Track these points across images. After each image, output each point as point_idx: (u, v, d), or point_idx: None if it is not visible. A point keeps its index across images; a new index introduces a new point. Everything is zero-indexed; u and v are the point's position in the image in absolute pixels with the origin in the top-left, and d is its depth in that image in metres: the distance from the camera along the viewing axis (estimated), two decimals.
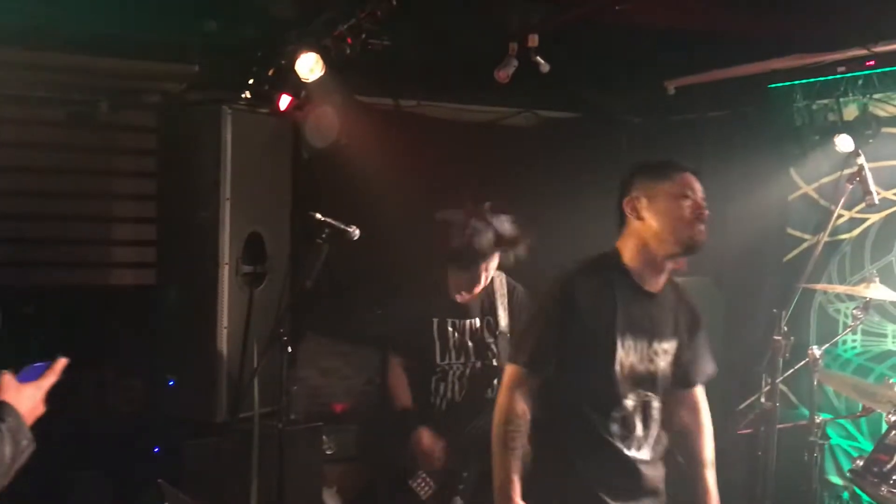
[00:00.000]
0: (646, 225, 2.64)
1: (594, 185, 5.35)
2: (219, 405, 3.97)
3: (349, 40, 3.81)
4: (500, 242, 3.61)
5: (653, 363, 2.67)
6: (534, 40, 3.92)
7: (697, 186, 2.69)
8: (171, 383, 4.07)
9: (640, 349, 2.65)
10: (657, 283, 2.74)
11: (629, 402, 2.63)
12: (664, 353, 2.71)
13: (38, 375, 1.99)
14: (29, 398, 1.91)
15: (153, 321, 4.21)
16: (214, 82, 4.42)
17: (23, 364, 2.01)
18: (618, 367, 2.59)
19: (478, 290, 3.69)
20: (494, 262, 3.66)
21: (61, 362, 2.03)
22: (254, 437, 3.88)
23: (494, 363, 3.73)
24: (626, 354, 2.62)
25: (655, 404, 2.69)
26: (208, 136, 3.98)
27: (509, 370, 2.64)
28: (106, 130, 4.64)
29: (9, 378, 1.91)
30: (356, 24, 3.72)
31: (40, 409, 1.96)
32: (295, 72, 3.95)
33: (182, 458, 3.88)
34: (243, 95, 4.17)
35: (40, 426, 1.92)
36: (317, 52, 3.89)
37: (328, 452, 4.47)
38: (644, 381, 2.65)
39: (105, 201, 4.75)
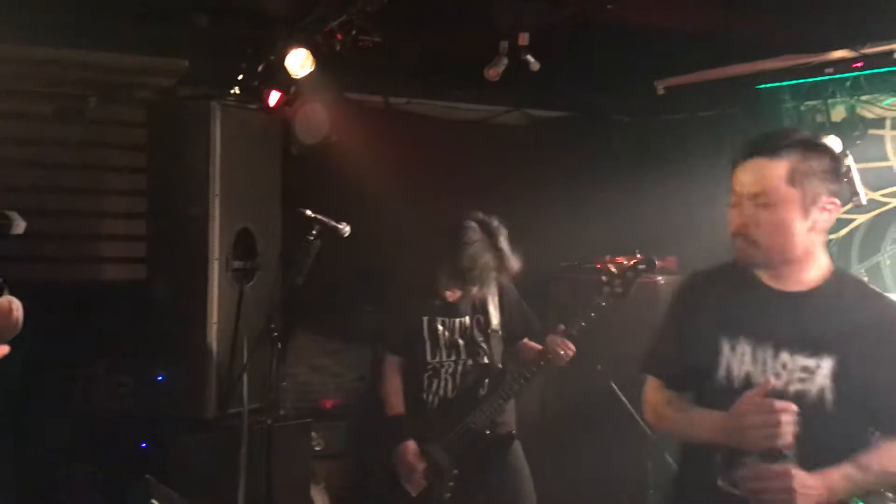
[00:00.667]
0: None
1: (584, 183, 5.38)
2: (208, 401, 3.97)
3: (339, 37, 3.81)
4: (499, 257, 3.61)
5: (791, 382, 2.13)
6: (524, 39, 3.93)
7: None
8: (160, 379, 4.06)
9: (761, 359, 2.17)
10: (798, 280, 2.22)
11: None
12: (804, 370, 2.13)
13: None
14: None
15: (143, 317, 4.20)
16: (204, 78, 4.41)
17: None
18: (722, 373, 2.20)
19: (473, 291, 3.68)
20: (491, 271, 3.65)
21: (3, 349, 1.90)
22: (243, 432, 3.87)
23: (486, 361, 3.73)
24: (739, 362, 2.20)
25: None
26: (198, 132, 3.98)
27: (647, 383, 2.45)
28: (95, 125, 4.63)
29: None
30: (347, 20, 3.72)
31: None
32: (285, 68, 3.95)
33: (170, 453, 3.87)
34: (233, 91, 4.17)
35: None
36: (307, 49, 3.90)
37: (317, 449, 4.47)
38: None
39: (95, 196, 4.73)
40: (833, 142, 4.33)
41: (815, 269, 2.22)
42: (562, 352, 3.56)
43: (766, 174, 2.20)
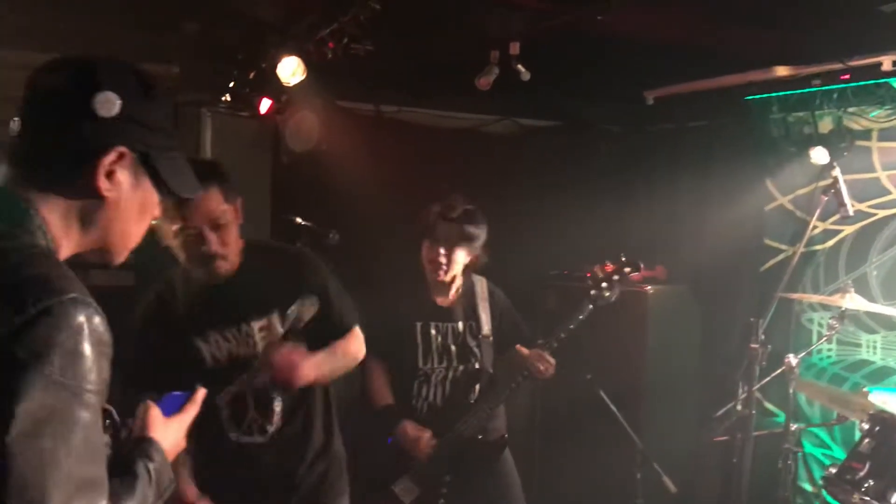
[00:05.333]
0: None
1: (573, 192, 5.40)
2: None
3: (331, 45, 3.81)
4: (472, 233, 3.63)
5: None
6: (515, 48, 3.94)
7: None
8: None
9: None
10: None
11: None
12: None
13: (178, 407, 1.84)
14: (174, 433, 1.76)
15: (131, 323, 4.18)
16: (195, 85, 4.40)
17: None
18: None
19: (442, 277, 3.66)
20: (462, 250, 3.65)
21: (201, 392, 1.90)
22: None
23: (477, 367, 3.73)
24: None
25: None
26: (188, 139, 3.98)
27: None
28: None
29: (155, 412, 1.74)
30: (338, 28, 3.72)
31: (182, 445, 1.81)
32: (276, 75, 3.95)
33: None
34: (223, 98, 4.16)
35: None
36: (298, 56, 3.89)
37: None
38: None
39: None
40: (820, 153, 4.38)
41: None
42: (542, 367, 3.57)
43: None
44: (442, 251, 3.61)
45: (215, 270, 2.66)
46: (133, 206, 1.53)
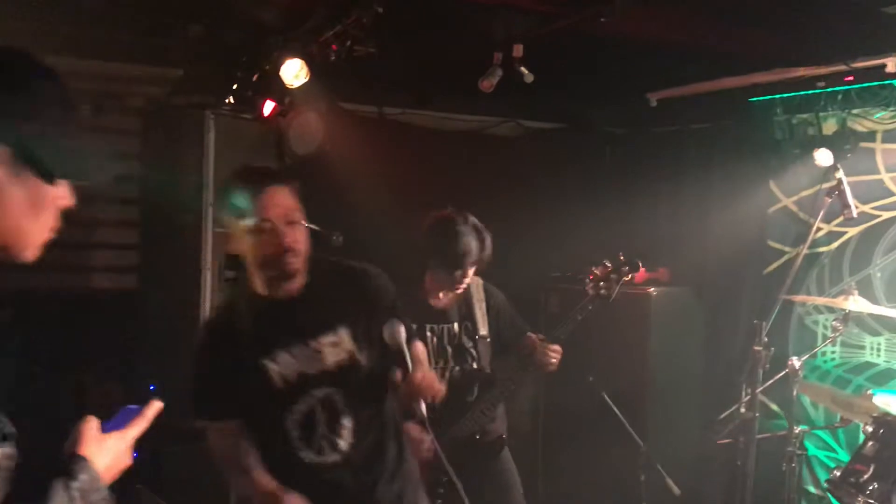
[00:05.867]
0: None
1: (576, 194, 5.40)
2: None
3: (334, 47, 3.81)
4: (483, 248, 3.62)
5: None
6: (518, 50, 3.94)
7: None
8: (152, 388, 4.05)
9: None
10: None
11: None
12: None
13: (125, 422, 1.73)
14: (109, 451, 1.65)
15: (135, 326, 4.19)
16: (198, 87, 4.40)
17: None
18: None
19: (459, 290, 3.68)
20: (474, 267, 3.66)
21: (154, 407, 1.77)
22: None
23: (474, 367, 3.73)
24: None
25: None
26: (191, 141, 3.98)
27: None
28: (88, 134, 4.61)
29: (90, 427, 1.64)
30: (342, 30, 3.72)
31: (125, 462, 1.70)
32: (279, 78, 3.95)
33: (162, 463, 3.85)
34: (227, 101, 4.16)
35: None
36: (302, 59, 3.89)
37: None
38: None
39: (87, 205, 4.71)
40: (824, 155, 4.37)
41: None
42: (549, 355, 3.55)
43: None
44: (458, 276, 3.59)
45: (286, 267, 2.59)
46: (16, 201, 1.45)
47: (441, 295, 3.70)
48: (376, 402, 2.76)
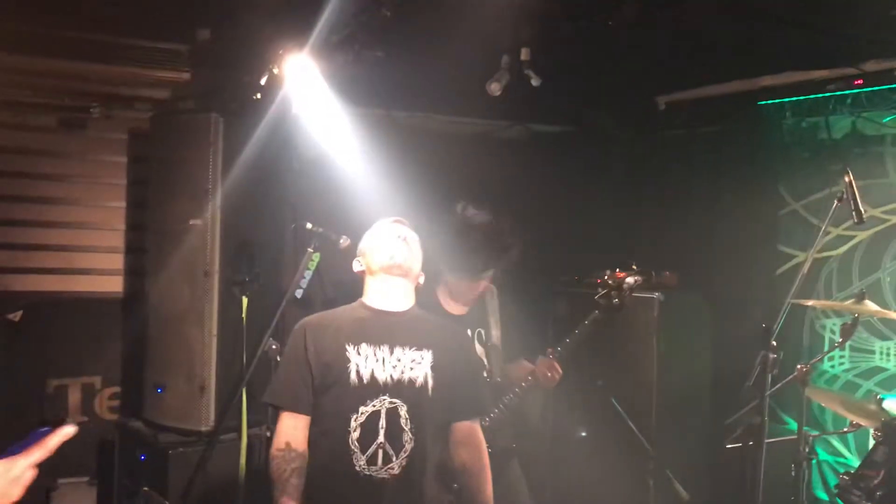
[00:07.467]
0: None
1: (584, 198, 5.39)
2: (206, 413, 3.95)
3: (343, 51, 3.81)
4: (506, 256, 3.62)
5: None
6: (526, 54, 3.93)
7: None
8: (159, 391, 4.05)
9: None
10: None
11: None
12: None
13: (27, 446, 1.66)
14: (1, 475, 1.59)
15: (143, 329, 4.19)
16: (206, 90, 4.42)
17: None
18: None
19: (475, 299, 3.67)
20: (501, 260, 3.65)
21: (62, 432, 1.68)
22: (241, 445, 3.86)
23: (484, 374, 3.72)
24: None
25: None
26: (199, 144, 3.98)
27: None
28: (96, 137, 4.63)
29: None
30: (350, 34, 3.72)
31: (13, 494, 1.63)
32: (287, 81, 3.95)
33: (168, 466, 3.85)
34: (235, 104, 4.17)
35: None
36: (310, 63, 3.89)
37: None
38: None
39: (96, 208, 4.73)
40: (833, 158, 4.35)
41: None
42: (549, 374, 3.56)
43: None
44: (477, 285, 3.62)
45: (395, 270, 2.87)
46: None
47: (458, 301, 3.68)
48: (436, 430, 2.87)
